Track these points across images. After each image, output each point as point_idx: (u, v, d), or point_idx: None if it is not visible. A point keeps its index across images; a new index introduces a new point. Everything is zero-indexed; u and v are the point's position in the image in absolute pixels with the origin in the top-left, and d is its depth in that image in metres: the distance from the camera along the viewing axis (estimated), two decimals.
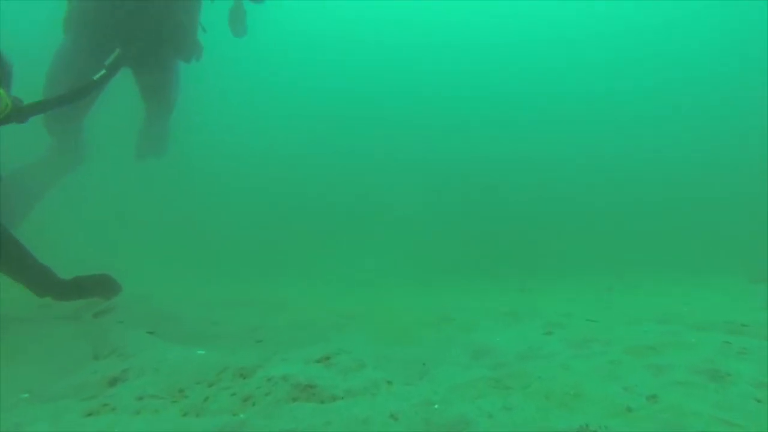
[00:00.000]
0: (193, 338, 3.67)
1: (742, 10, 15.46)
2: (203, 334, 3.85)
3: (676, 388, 1.70)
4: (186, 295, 5.10)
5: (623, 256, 7.91)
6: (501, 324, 3.14)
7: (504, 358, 2.25)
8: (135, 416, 2.02)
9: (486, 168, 12.80)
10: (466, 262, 8.30)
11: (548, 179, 12.53)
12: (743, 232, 8.40)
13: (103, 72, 3.31)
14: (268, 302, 5.07)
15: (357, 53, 16.33)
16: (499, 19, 17.30)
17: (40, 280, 3.70)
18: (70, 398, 2.36)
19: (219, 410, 1.97)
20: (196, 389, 2.31)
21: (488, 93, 15.70)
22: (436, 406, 1.65)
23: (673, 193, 11.42)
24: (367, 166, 12.51)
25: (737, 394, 1.67)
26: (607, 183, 12.47)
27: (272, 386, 2.11)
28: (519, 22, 17.17)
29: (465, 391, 1.83)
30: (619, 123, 14.88)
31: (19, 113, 2.98)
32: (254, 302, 5.06)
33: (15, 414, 2.19)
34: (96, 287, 3.89)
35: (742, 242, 7.80)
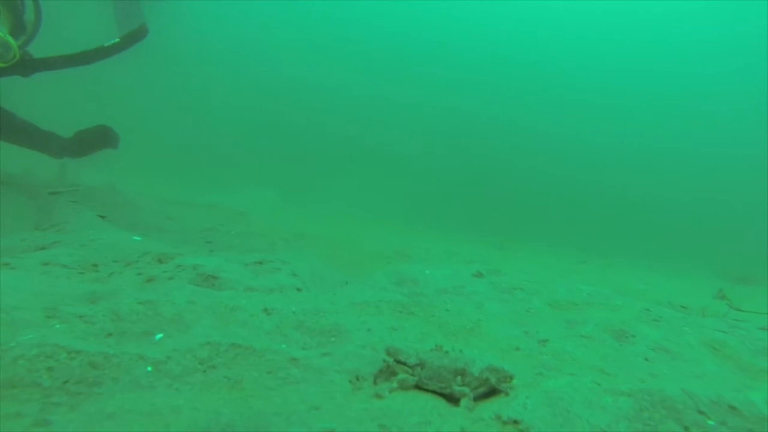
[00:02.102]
0: (142, 228, 3.60)
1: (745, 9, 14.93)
2: (154, 225, 3.79)
3: (573, 339, 1.62)
4: (155, 191, 5.03)
5: (617, 240, 7.82)
6: (445, 264, 3.07)
7: (425, 289, 2.18)
8: (24, 273, 1.95)
9: (496, 132, 12.57)
10: (456, 214, 8.22)
11: (557, 155, 12.33)
12: (732, 231, 8.29)
13: (116, 40, 3.28)
14: (235, 209, 5.02)
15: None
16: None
17: (49, 143, 3.89)
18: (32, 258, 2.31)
19: (115, 284, 1.90)
20: (110, 266, 2.25)
21: (504, 58, 15.23)
22: (322, 314, 1.57)
23: (678, 189, 11.26)
24: (371, 107, 12.23)
25: (630, 352, 1.60)
26: (616, 168, 12.29)
27: (179, 272, 2.03)
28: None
29: (363, 308, 1.76)
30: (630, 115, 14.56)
31: (24, 67, 3.02)
32: (220, 207, 5.00)
33: None
34: (98, 139, 3.98)
35: (731, 242, 7.72)
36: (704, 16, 15.39)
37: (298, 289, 2.09)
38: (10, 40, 2.76)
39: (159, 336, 1.20)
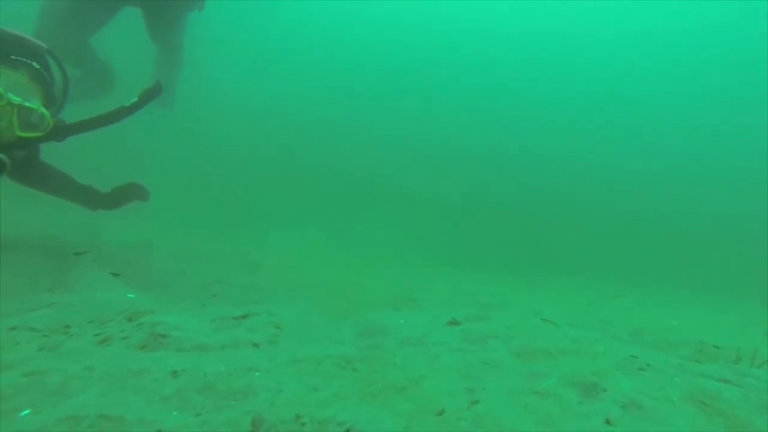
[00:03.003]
0: (152, 284, 3.65)
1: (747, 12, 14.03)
2: (161, 282, 3.83)
3: (519, 397, 1.41)
4: (172, 246, 5.14)
5: (651, 268, 7.27)
6: (440, 308, 2.89)
7: (387, 341, 2.02)
8: None
9: (515, 163, 12.24)
10: (489, 251, 7.93)
11: (576, 181, 11.83)
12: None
13: (134, 100, 3.41)
14: (249, 260, 5.02)
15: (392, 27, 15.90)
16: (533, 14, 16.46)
17: (86, 197, 4.13)
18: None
19: (67, 350, 1.87)
20: (82, 326, 2.24)
21: (521, 87, 14.99)
22: (245, 374, 1.45)
23: (710, 210, 10.46)
24: (388, 144, 12.24)
25: (590, 410, 1.37)
26: (641, 191, 11.62)
27: (135, 331, 1.99)
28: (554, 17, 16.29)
29: (302, 366, 1.63)
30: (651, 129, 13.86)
31: (57, 133, 3.15)
32: (235, 259, 5.02)
33: None
34: (130, 194, 4.21)
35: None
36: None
37: (255, 345, 1.99)
38: (44, 111, 2.92)
39: (25, 412, 1.12)
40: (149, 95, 3.50)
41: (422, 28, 16.25)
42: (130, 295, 2.95)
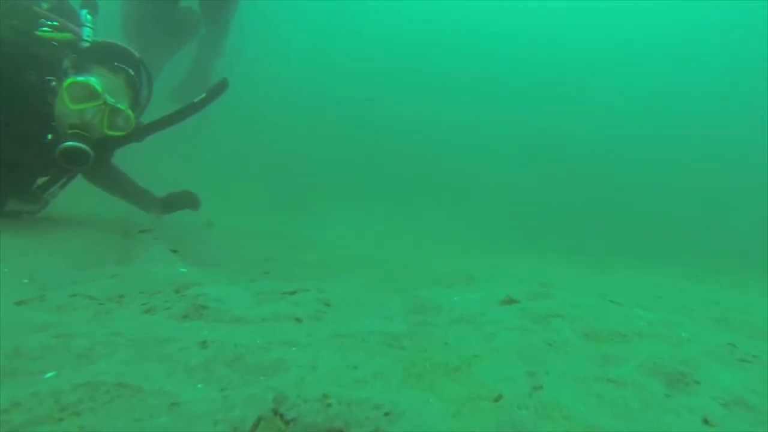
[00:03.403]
0: (208, 260, 3.66)
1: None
2: (216, 258, 3.83)
3: (590, 385, 1.19)
4: (232, 226, 5.18)
5: (730, 252, 6.61)
6: (497, 287, 2.67)
7: (439, 318, 1.84)
8: (43, 308, 1.96)
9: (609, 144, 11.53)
10: (544, 236, 7.53)
11: (647, 165, 10.99)
12: None
13: (202, 96, 3.48)
14: (306, 239, 4.97)
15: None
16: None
17: (144, 200, 4.29)
18: (44, 289, 2.40)
19: (115, 316, 1.83)
20: (134, 296, 2.22)
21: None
22: (279, 348, 1.32)
23: None
24: (456, 130, 11.85)
25: (681, 406, 1.13)
26: (719, 175, 10.62)
27: (178, 302, 1.92)
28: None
29: (344, 341, 1.48)
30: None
31: (137, 132, 3.31)
32: (292, 238, 4.99)
33: None
34: (183, 201, 4.37)
35: None
36: None
37: (297, 320, 1.87)
38: (130, 113, 3.06)
39: (49, 374, 1.04)
40: (217, 91, 3.54)
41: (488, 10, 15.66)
42: (182, 270, 2.94)
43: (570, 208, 8.86)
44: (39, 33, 3.06)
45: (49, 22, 3.15)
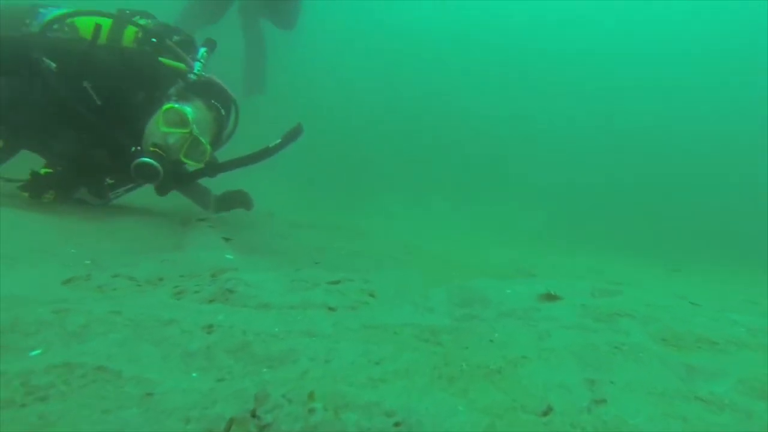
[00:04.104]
0: (259, 249, 3.59)
1: None
2: (268, 247, 3.75)
3: (674, 404, 0.92)
4: (290, 216, 5.12)
5: None
6: (557, 281, 2.38)
7: (488, 312, 1.60)
8: (84, 287, 1.91)
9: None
10: (613, 235, 6.96)
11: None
12: None
13: (278, 141, 3.60)
14: (360, 229, 4.84)
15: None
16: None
17: (201, 196, 4.41)
18: (95, 270, 2.40)
19: (144, 299, 1.74)
20: (173, 280, 2.15)
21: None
22: (296, 337, 1.15)
23: None
24: (522, 129, 11.30)
25: None
26: None
27: (209, 286, 1.81)
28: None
29: (374, 334, 1.30)
30: None
31: (210, 168, 3.45)
32: (346, 228, 4.87)
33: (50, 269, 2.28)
34: (236, 200, 4.40)
35: None
36: None
37: (330, 309, 1.70)
38: (208, 148, 3.18)
39: (35, 352, 0.92)
40: (292, 135, 3.66)
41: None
42: (228, 256, 2.87)
43: (635, 207, 8.19)
44: (161, 59, 3.31)
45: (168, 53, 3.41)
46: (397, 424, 0.74)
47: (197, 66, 3.38)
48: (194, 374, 0.93)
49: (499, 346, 1.23)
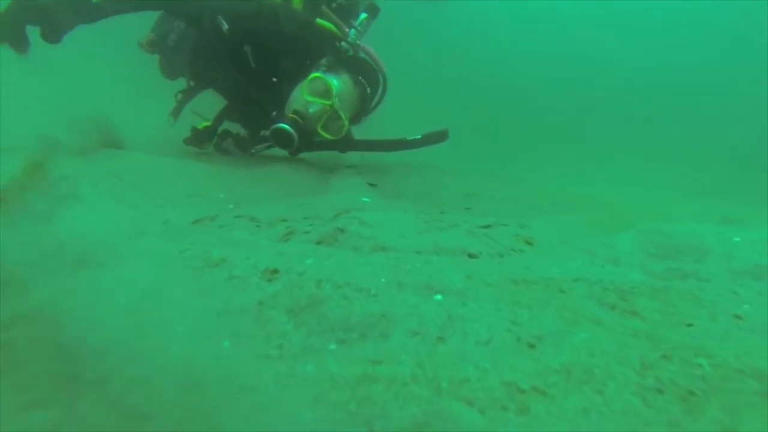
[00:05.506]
0: (401, 194, 3.27)
1: None
2: (420, 192, 3.39)
3: None
4: (440, 162, 4.70)
5: None
6: None
7: (710, 267, 1.02)
8: (210, 225, 1.77)
9: None
10: None
11: None
12: None
13: (417, 136, 3.55)
14: (517, 176, 4.24)
15: None
16: None
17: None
18: (232, 212, 2.32)
19: (257, 236, 1.49)
20: (296, 221, 1.91)
21: None
22: (430, 296, 0.74)
23: None
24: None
25: None
26: None
27: (322, 227, 1.49)
28: None
29: (522, 291, 0.83)
30: None
31: (343, 143, 3.40)
32: (501, 175, 4.32)
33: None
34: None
35: None
36: None
37: (471, 256, 1.26)
38: (346, 124, 3.13)
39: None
40: (435, 138, 3.52)
41: None
42: (364, 199, 2.60)
43: None
44: (318, 21, 3.28)
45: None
46: None
47: (352, 33, 3.27)
48: (226, 342, 0.58)
49: (758, 328, 0.67)
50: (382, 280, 0.85)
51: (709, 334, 0.69)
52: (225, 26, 3.12)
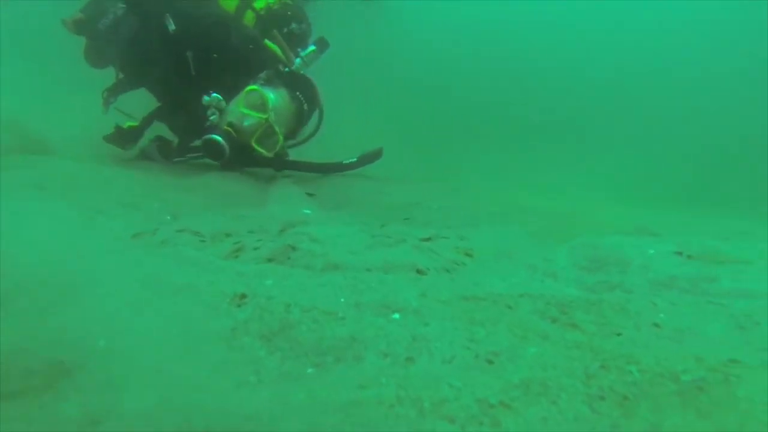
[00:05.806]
0: (340, 203, 3.28)
1: None
2: (354, 201, 3.43)
3: None
4: (377, 171, 4.76)
5: None
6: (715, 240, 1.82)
7: (632, 278, 1.14)
8: (152, 240, 1.72)
9: None
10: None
11: None
12: None
13: (353, 159, 3.55)
14: (455, 184, 4.38)
15: None
16: None
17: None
18: (168, 225, 2.24)
19: (200, 253, 1.47)
20: (239, 235, 1.89)
21: None
22: (388, 315, 0.78)
23: None
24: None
25: None
26: None
27: (271, 242, 1.49)
28: None
29: (474, 308, 0.89)
30: None
31: (277, 161, 3.35)
32: (439, 182, 4.43)
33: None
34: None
35: None
36: None
37: (419, 272, 1.31)
38: (281, 139, 3.10)
39: None
40: (370, 158, 3.51)
41: None
42: (305, 211, 2.61)
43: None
44: (266, 42, 3.26)
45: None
46: None
47: (297, 62, 3.25)
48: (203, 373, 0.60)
49: (673, 335, 0.77)
50: (342, 300, 0.89)
51: (635, 343, 0.79)
52: (172, 26, 3.04)
